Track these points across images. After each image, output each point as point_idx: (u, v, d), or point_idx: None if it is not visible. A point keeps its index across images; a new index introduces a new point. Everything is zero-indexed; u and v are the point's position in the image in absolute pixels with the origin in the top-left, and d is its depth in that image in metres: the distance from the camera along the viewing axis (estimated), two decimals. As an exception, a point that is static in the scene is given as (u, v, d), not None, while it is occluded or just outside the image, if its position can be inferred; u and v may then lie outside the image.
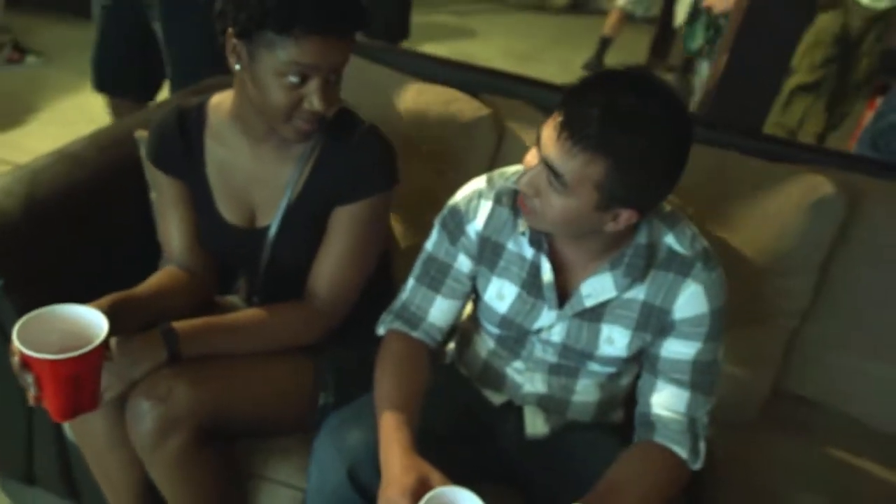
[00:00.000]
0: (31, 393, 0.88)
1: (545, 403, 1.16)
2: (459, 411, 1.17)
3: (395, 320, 1.13)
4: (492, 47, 4.88)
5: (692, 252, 1.02)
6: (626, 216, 0.92)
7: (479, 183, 1.11)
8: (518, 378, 1.16)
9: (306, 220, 1.11)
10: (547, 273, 1.05)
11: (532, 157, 0.94)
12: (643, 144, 0.85)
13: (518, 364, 1.15)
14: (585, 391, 1.15)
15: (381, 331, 1.14)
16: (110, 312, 0.93)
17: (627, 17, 4.37)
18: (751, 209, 1.34)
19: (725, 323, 1.05)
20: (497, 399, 1.19)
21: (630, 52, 4.54)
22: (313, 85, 0.96)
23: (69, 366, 0.82)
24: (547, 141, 0.89)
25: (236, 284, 1.23)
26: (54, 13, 3.78)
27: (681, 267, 1.02)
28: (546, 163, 0.89)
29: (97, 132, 1.39)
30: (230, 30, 0.95)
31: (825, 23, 2.83)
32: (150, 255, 1.30)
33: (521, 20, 5.60)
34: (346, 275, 1.13)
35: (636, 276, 1.01)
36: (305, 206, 1.11)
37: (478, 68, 1.72)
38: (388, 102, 1.51)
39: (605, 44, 4.47)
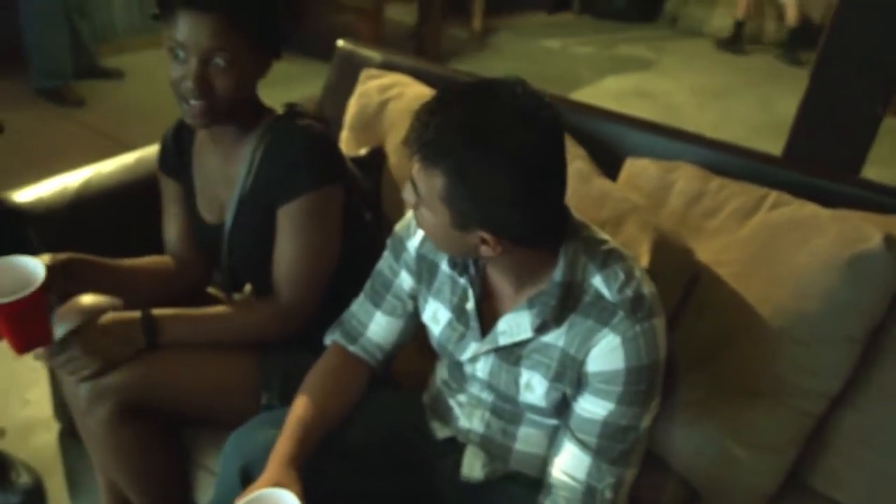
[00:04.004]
0: None
1: (487, 446, 1.08)
2: (400, 438, 1.14)
3: (337, 332, 1.14)
4: (679, 82, 4.58)
5: (618, 298, 0.89)
6: (491, 242, 0.84)
7: None
8: (458, 412, 1.10)
9: (255, 216, 1.18)
10: (470, 301, 0.99)
11: None
12: (475, 160, 0.78)
13: (462, 398, 1.09)
14: (529, 441, 1.05)
15: (326, 341, 1.16)
16: (66, 268, 1.08)
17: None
18: (773, 259, 1.10)
19: (652, 386, 0.90)
20: (441, 433, 1.13)
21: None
22: (190, 66, 1.04)
23: (12, 307, 0.97)
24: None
25: (215, 276, 1.34)
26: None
27: (601, 314, 0.89)
28: (410, 177, 0.87)
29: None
30: None
31: None
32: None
33: (726, 55, 5.18)
34: (300, 274, 1.17)
35: (548, 317, 0.91)
36: (253, 203, 1.17)
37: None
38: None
39: (739, 27, 5.08)
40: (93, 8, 3.68)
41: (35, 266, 1.02)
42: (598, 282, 0.90)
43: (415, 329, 1.13)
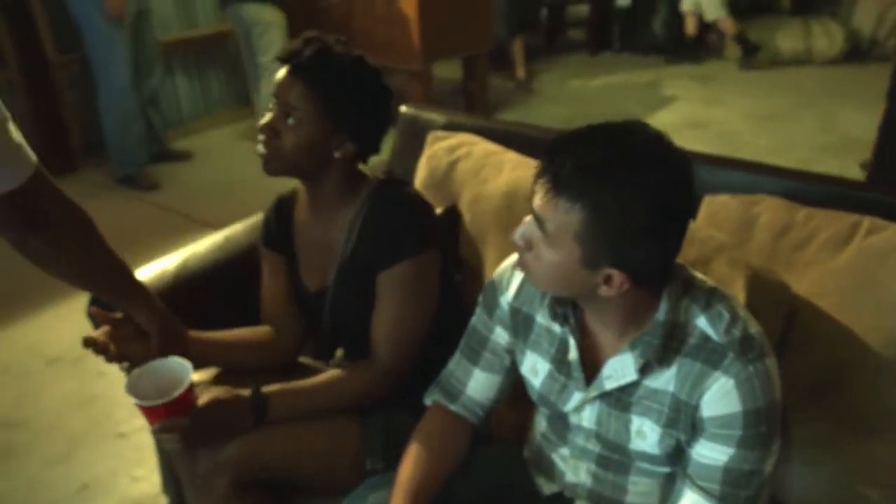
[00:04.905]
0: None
1: (596, 500, 1.06)
2: (506, 496, 1.13)
3: (437, 392, 1.16)
4: (731, 109, 4.53)
5: (726, 339, 0.88)
6: (618, 280, 0.85)
7: (517, 255, 1.10)
8: (563, 466, 1.09)
9: (356, 283, 1.22)
10: (573, 350, 0.99)
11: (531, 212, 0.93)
12: (616, 195, 0.80)
13: (564, 451, 1.08)
14: (641, 492, 1.03)
15: (427, 401, 1.17)
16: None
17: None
18: (876, 287, 1.07)
19: (772, 428, 0.88)
20: (548, 488, 1.12)
21: None
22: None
23: (168, 407, 1.05)
24: (535, 191, 0.87)
25: (309, 346, 1.38)
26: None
27: (710, 356, 0.88)
28: (533, 212, 0.87)
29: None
30: None
31: None
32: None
33: (776, 77, 5.11)
34: (399, 338, 1.20)
35: (650, 357, 0.91)
36: (353, 269, 1.22)
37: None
38: (487, 178, 1.56)
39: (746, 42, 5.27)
40: (161, 97, 3.92)
41: (182, 366, 1.09)
42: (702, 323, 0.89)
43: (513, 383, 1.14)
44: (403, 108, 2.00)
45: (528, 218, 0.89)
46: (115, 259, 1.12)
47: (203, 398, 1.12)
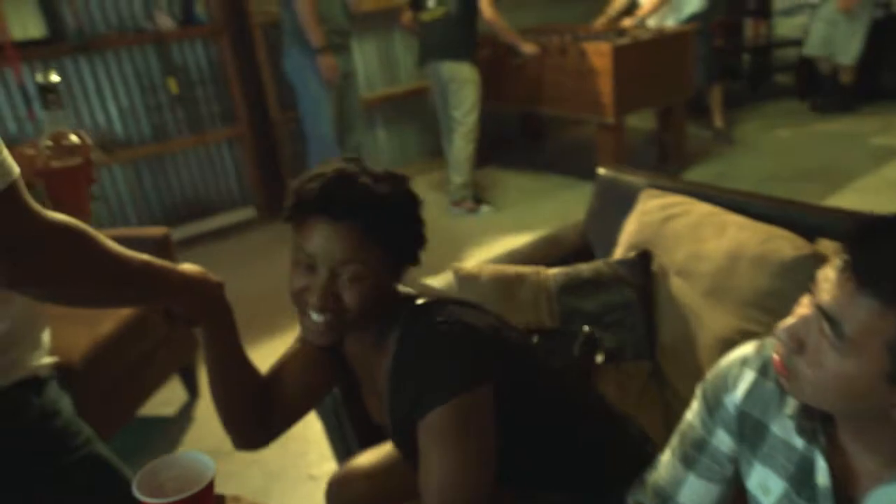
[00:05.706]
0: None
1: None
2: None
3: (643, 491, 1.05)
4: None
5: None
6: None
7: (747, 348, 0.98)
8: None
9: (410, 434, 1.02)
10: (823, 475, 0.85)
11: (803, 306, 0.79)
12: None
13: (796, 582, 0.93)
14: None
15: (629, 501, 1.07)
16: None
17: None
18: None
19: None
20: None
21: None
22: (318, 278, 0.95)
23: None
24: (825, 284, 0.75)
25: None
26: (513, 170, 4.64)
27: None
28: (821, 310, 0.74)
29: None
30: None
31: None
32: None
33: None
34: (444, 495, 0.98)
35: None
36: (400, 420, 1.04)
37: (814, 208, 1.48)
38: (707, 237, 1.44)
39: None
40: (362, 147, 4.19)
41: (203, 463, 0.92)
42: None
43: (734, 495, 1.00)
44: (601, 171, 1.93)
45: (805, 312, 0.76)
46: (127, 265, 0.90)
47: None
